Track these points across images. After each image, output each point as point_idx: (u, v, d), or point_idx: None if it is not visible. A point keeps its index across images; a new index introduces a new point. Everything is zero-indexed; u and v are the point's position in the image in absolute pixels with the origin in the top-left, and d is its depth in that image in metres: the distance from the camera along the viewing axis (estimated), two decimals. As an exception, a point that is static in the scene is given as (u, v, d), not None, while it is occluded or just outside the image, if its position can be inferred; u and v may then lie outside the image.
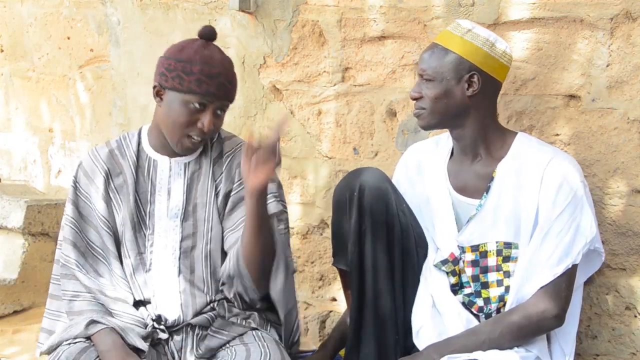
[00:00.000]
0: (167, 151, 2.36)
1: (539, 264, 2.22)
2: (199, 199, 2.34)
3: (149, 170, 2.36)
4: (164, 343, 2.29)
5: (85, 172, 2.40)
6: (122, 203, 2.34)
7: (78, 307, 2.30)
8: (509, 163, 2.32)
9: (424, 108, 2.34)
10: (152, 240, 2.33)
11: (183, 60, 2.25)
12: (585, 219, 2.23)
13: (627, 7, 2.48)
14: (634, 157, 2.52)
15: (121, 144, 2.41)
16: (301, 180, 3.23)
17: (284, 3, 3.17)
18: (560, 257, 2.20)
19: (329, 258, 3.17)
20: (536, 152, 2.30)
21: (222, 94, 2.27)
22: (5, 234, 3.80)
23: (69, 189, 2.43)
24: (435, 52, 2.34)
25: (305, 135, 3.21)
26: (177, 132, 2.26)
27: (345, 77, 3.09)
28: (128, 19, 3.67)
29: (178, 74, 2.24)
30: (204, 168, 2.36)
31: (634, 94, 2.50)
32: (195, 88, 2.22)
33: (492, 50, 2.31)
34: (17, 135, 4.34)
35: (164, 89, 2.28)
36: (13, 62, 4.30)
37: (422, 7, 2.85)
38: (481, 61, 2.30)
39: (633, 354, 2.58)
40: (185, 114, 2.24)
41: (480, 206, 2.33)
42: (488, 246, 2.32)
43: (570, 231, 2.21)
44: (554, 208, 2.22)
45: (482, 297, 2.33)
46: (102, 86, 3.90)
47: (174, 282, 2.31)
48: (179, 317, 2.30)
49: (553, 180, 2.24)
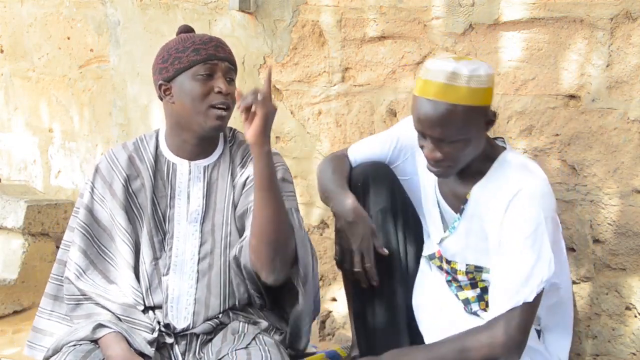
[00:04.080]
0: (187, 154, 2.34)
1: (496, 294, 2.16)
2: (218, 203, 2.32)
3: (168, 174, 2.34)
4: (168, 347, 2.29)
5: (103, 177, 2.36)
6: (140, 208, 2.32)
7: (84, 310, 2.29)
8: (483, 186, 2.23)
9: (450, 165, 2.19)
10: (172, 244, 2.31)
11: (173, 46, 2.29)
12: (543, 258, 2.12)
13: (627, 7, 2.48)
14: (634, 157, 2.52)
15: (138, 147, 2.39)
16: (301, 180, 3.23)
17: (284, 3, 3.17)
18: (513, 292, 2.11)
19: (329, 258, 3.17)
20: (510, 178, 2.18)
21: (222, 54, 2.28)
22: (5, 234, 3.80)
23: (83, 192, 2.38)
24: (446, 114, 2.10)
25: (305, 135, 3.21)
26: (199, 107, 2.24)
27: (345, 77, 3.09)
28: (128, 19, 3.67)
29: (175, 57, 2.26)
30: (222, 172, 2.34)
31: (634, 94, 2.50)
32: (195, 57, 2.25)
33: (489, 81, 2.14)
34: (17, 135, 4.35)
35: (168, 82, 2.27)
36: (13, 62, 4.31)
37: (422, 7, 2.85)
38: (486, 98, 2.14)
39: (633, 354, 2.58)
40: (199, 86, 2.24)
41: (453, 228, 2.30)
42: (458, 266, 2.30)
43: (526, 267, 2.11)
44: (512, 241, 2.13)
45: (461, 300, 2.33)
46: (102, 86, 3.90)
47: (191, 287, 2.30)
48: (189, 325, 2.29)
49: (515, 214, 2.14)
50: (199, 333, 2.28)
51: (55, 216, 3.83)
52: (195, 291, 2.29)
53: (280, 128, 3.26)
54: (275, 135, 3.27)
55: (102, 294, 2.29)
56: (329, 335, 3.21)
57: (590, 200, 2.59)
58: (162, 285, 2.30)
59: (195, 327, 2.29)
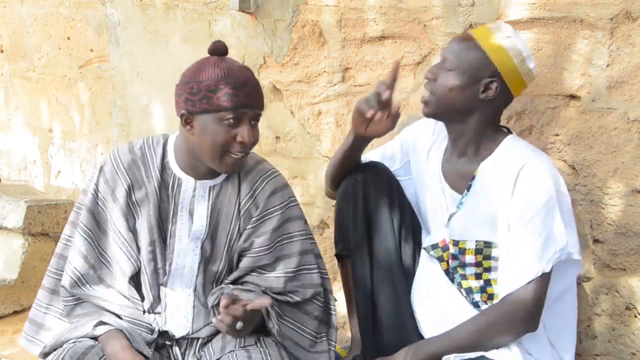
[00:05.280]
0: (195, 173, 2.27)
1: (510, 270, 2.19)
2: (221, 224, 2.28)
3: (173, 188, 2.28)
4: (168, 347, 2.29)
5: (107, 179, 2.30)
6: (142, 217, 2.28)
7: (83, 308, 2.29)
8: (490, 163, 2.30)
9: (434, 94, 2.31)
10: (171, 259, 2.28)
11: (205, 80, 2.14)
12: (557, 228, 2.18)
13: (627, 7, 2.48)
14: (634, 157, 2.52)
15: (145, 153, 2.30)
16: (301, 180, 3.24)
17: (284, 3, 3.17)
18: (529, 264, 2.16)
19: (329, 258, 3.17)
20: (516, 155, 2.27)
21: (253, 102, 2.17)
22: (5, 234, 3.80)
23: (87, 190, 2.34)
24: (466, 44, 2.28)
25: (305, 135, 3.21)
26: (218, 152, 2.16)
27: (345, 77, 3.09)
28: (128, 19, 3.67)
29: (204, 95, 2.13)
30: (230, 196, 2.29)
31: (634, 94, 2.50)
32: (225, 104, 2.12)
33: (521, 65, 2.28)
34: (17, 135, 4.35)
35: (192, 115, 2.16)
36: (13, 62, 4.31)
37: (422, 7, 2.85)
38: (506, 71, 2.26)
39: (633, 354, 2.58)
40: (222, 132, 2.14)
41: (460, 204, 2.33)
42: (467, 244, 2.32)
43: (540, 239, 2.16)
44: (524, 213, 2.18)
45: (464, 288, 2.34)
46: (102, 86, 3.90)
47: (189, 301, 2.29)
48: (188, 332, 2.29)
49: (525, 185, 2.20)
50: (199, 337, 2.29)
51: (55, 216, 3.83)
52: (193, 305, 2.29)
53: (280, 128, 3.26)
54: (276, 135, 3.27)
55: (100, 297, 2.29)
56: (329, 335, 3.21)
57: (590, 200, 2.58)
58: (160, 294, 2.29)
59: (194, 333, 2.29)
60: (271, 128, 3.28)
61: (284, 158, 3.23)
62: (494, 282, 2.29)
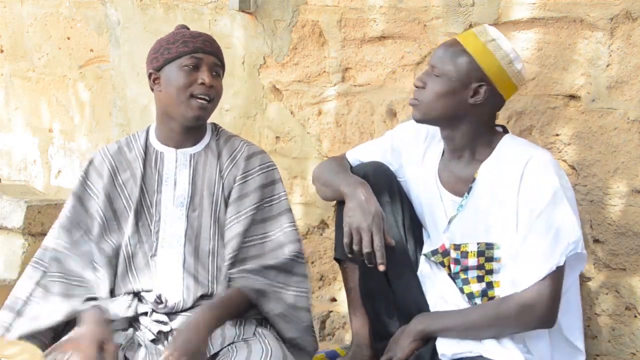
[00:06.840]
0: (173, 142, 2.42)
1: (523, 265, 2.19)
2: (205, 190, 2.39)
3: (156, 162, 2.43)
4: (162, 337, 2.30)
5: (95, 168, 2.46)
6: (129, 197, 2.40)
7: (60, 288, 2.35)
8: (491, 164, 2.30)
9: (422, 100, 2.31)
10: (159, 227, 2.37)
11: (164, 39, 2.41)
12: (567, 220, 2.17)
13: (627, 7, 2.48)
14: (634, 157, 2.52)
15: (130, 140, 2.49)
16: (301, 181, 3.24)
17: (284, 3, 3.17)
18: (542, 259, 2.16)
19: (329, 258, 3.17)
20: (517, 152, 2.27)
21: (209, 48, 2.38)
22: (5, 234, 3.80)
23: (75, 183, 2.49)
24: (453, 50, 2.29)
25: (305, 135, 3.21)
26: (182, 96, 2.33)
27: (345, 77, 3.09)
28: (128, 19, 3.67)
29: (165, 48, 2.37)
30: (210, 162, 2.42)
31: (634, 94, 2.50)
32: (183, 49, 2.34)
33: (509, 67, 2.28)
34: (17, 135, 4.35)
35: (157, 71, 2.38)
36: (13, 62, 4.31)
37: (422, 7, 2.85)
38: (494, 75, 2.27)
39: (633, 354, 2.58)
40: (184, 76, 2.33)
41: (461, 207, 2.33)
42: (469, 247, 2.31)
43: (551, 232, 2.16)
44: (533, 208, 2.19)
45: (465, 294, 2.34)
46: (102, 86, 3.90)
47: (178, 269, 2.34)
48: (180, 301, 2.32)
49: (532, 179, 2.21)
50: None
51: (55, 216, 3.77)
52: (182, 272, 2.34)
53: (280, 128, 3.26)
54: (276, 135, 3.27)
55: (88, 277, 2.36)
56: (328, 336, 3.21)
57: (590, 200, 2.58)
58: (149, 267, 2.35)
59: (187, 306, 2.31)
60: (271, 128, 3.28)
61: (284, 158, 3.23)
62: (496, 285, 2.28)
